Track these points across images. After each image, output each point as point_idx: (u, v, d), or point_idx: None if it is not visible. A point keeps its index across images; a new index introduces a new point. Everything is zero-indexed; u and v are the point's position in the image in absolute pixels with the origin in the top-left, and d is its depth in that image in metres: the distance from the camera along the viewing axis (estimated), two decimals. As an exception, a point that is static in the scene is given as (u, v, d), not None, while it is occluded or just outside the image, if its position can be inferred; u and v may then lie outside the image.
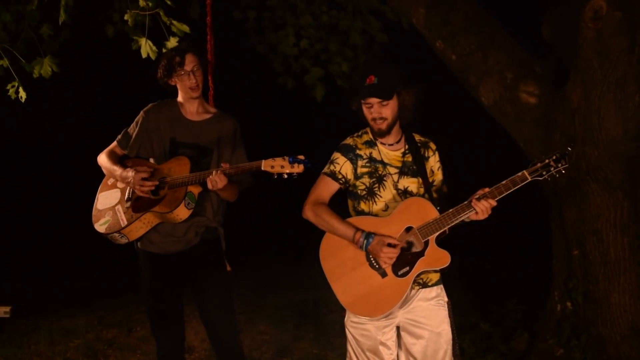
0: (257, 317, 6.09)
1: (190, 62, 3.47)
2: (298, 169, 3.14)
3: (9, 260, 7.71)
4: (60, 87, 8.41)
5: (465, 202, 3.00)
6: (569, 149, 3.07)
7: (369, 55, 6.16)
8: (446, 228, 3.01)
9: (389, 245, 2.98)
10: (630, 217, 4.39)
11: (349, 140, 3.24)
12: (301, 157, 3.16)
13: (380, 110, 3.09)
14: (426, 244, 3.03)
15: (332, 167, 3.18)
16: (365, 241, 3.02)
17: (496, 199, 2.97)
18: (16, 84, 4.02)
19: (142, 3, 3.48)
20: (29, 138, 9.22)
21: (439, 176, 3.29)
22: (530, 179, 2.97)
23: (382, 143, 3.21)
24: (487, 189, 2.99)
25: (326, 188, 3.19)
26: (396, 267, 3.03)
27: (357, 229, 3.06)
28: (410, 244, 3.05)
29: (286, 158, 3.15)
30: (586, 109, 4.30)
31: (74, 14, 3.91)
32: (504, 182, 2.98)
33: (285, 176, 3.17)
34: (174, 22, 3.52)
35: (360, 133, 3.26)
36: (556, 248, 4.84)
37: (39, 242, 8.68)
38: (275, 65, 6.06)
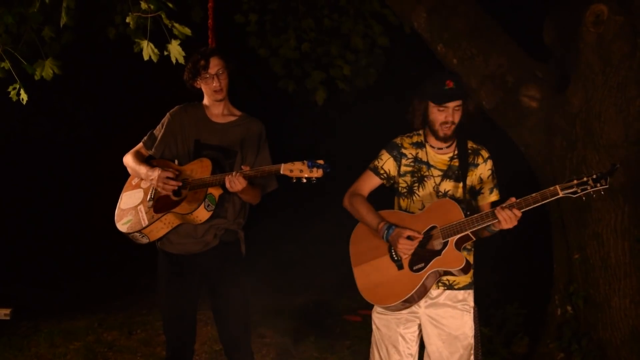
0: (257, 320, 6.07)
1: (214, 65, 3.49)
2: (317, 173, 3.14)
3: (10, 262, 7.70)
4: (61, 90, 8.42)
5: (490, 210, 3.02)
6: (617, 166, 2.97)
7: (370, 58, 6.16)
8: (468, 232, 3.04)
9: (408, 238, 3.07)
10: (631, 221, 4.39)
11: (397, 139, 3.36)
12: (320, 161, 3.16)
13: (454, 115, 3.17)
14: (446, 244, 3.07)
15: (376, 162, 3.34)
16: (386, 231, 3.13)
17: (522, 210, 2.95)
18: (17, 86, 4.03)
19: (143, 6, 3.47)
20: (30, 139, 9.22)
21: (488, 184, 3.28)
22: (561, 195, 2.92)
23: (431, 146, 3.28)
24: (514, 199, 2.98)
25: (367, 181, 3.36)
26: (413, 262, 3.11)
27: (382, 220, 3.18)
28: (429, 241, 3.11)
29: (305, 162, 3.15)
30: (587, 113, 4.30)
31: (75, 17, 3.91)
32: (533, 194, 2.96)
33: (304, 180, 3.17)
34: (176, 25, 3.51)
35: (411, 134, 3.36)
36: (557, 252, 4.84)
37: (40, 243, 8.67)
38: (276, 69, 6.07)
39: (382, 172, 3.31)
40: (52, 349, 5.49)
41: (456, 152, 3.28)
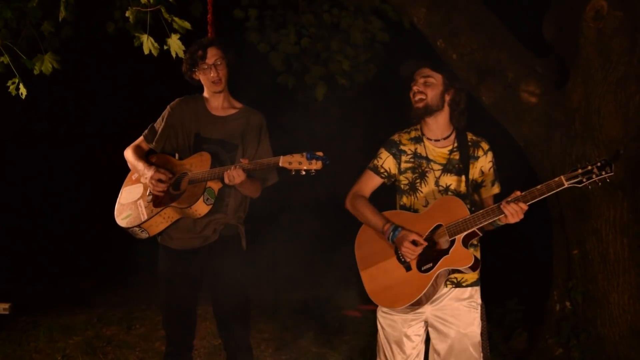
0: (256, 315, 6.09)
1: (212, 55, 3.47)
2: (316, 165, 3.13)
3: (9, 258, 7.71)
4: (60, 85, 8.40)
5: (496, 205, 2.96)
6: (620, 151, 2.99)
7: (370, 53, 6.15)
8: (474, 229, 2.98)
9: (413, 242, 3.03)
10: (630, 217, 4.39)
11: (394, 136, 3.32)
12: (319, 153, 3.14)
13: (424, 87, 3.17)
14: (452, 242, 3.03)
15: (375, 162, 3.29)
16: (392, 233, 3.09)
17: (528, 203, 2.89)
18: (17, 81, 4.02)
19: (143, 0, 3.47)
20: (29, 137, 9.21)
21: (489, 177, 3.24)
22: (566, 185, 2.84)
23: (428, 139, 3.25)
24: (519, 192, 2.92)
25: (368, 181, 3.30)
26: (421, 263, 3.07)
27: (387, 221, 3.13)
28: (435, 242, 3.07)
29: (304, 154, 3.13)
30: (587, 109, 4.30)
31: (74, 11, 3.91)
32: (538, 186, 2.89)
33: (303, 173, 3.15)
34: (176, 19, 3.51)
35: (409, 129, 3.32)
36: (556, 247, 4.84)
37: (39, 239, 8.67)
38: (276, 64, 6.06)
39: (382, 170, 3.27)
40: (51, 344, 5.50)
41: (455, 144, 3.23)
